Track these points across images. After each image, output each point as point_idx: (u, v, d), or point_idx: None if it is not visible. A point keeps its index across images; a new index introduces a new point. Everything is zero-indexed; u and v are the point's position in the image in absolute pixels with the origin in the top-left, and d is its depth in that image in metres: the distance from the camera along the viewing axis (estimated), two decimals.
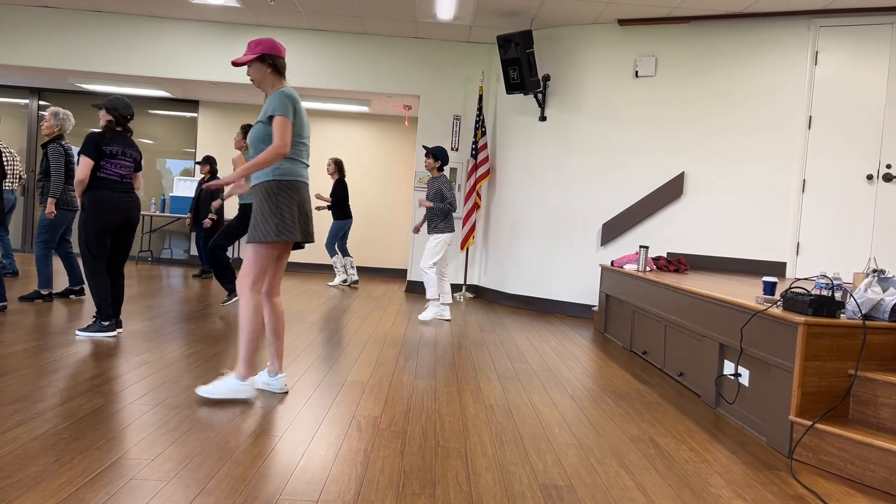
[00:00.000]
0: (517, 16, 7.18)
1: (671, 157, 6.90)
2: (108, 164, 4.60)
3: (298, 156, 3.37)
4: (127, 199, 4.66)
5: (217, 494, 2.26)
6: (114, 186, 4.62)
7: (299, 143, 3.36)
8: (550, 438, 3.09)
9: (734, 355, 3.65)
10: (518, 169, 7.72)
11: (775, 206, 6.57)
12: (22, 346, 4.17)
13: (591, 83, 7.18)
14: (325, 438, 2.88)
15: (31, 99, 10.34)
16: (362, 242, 10.51)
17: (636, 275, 5.30)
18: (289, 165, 3.33)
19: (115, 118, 4.70)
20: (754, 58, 6.62)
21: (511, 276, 7.75)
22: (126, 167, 4.69)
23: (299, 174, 3.37)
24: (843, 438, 2.82)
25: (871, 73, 6.21)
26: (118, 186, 4.64)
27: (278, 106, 3.23)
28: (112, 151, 4.61)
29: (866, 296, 3.07)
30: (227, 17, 8.05)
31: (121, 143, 4.67)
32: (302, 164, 3.39)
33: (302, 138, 3.37)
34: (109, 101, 4.71)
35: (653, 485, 2.61)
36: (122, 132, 4.73)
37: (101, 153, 4.56)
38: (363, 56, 8.38)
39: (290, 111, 3.26)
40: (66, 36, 8.23)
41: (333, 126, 10.48)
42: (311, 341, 4.94)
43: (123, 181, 4.68)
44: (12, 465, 2.37)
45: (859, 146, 6.24)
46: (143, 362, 3.97)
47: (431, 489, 2.42)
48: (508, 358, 4.83)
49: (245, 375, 3.34)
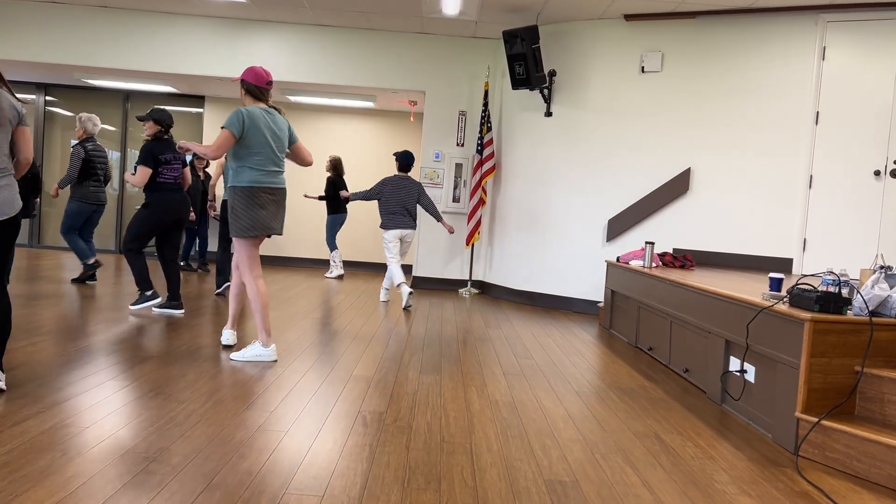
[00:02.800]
0: (523, 11, 7.16)
1: (677, 153, 6.87)
2: (164, 169, 5.32)
3: (255, 165, 4.00)
4: (181, 199, 5.43)
5: (224, 488, 2.27)
6: (172, 188, 5.37)
7: (253, 154, 3.99)
8: (555, 434, 3.09)
9: (740, 352, 3.65)
10: (523, 165, 7.71)
11: (782, 202, 6.55)
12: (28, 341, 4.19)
13: (597, 79, 7.15)
14: (331, 433, 2.89)
15: (38, 94, 10.37)
16: (368, 238, 10.52)
17: (642, 271, 5.30)
18: (246, 174, 4.00)
19: (163, 128, 5.37)
20: (761, 53, 6.59)
21: (516, 272, 7.75)
22: (177, 169, 5.41)
23: (256, 181, 4.00)
24: (849, 435, 2.81)
25: (878, 69, 6.17)
26: (174, 188, 5.38)
27: (227, 120, 3.94)
28: (166, 159, 5.33)
29: (873, 292, 3.06)
30: (233, 12, 8.06)
31: (171, 150, 5.36)
32: (260, 171, 4.01)
33: (256, 149, 3.98)
34: (155, 111, 5.36)
35: (658, 481, 2.61)
36: (168, 140, 5.39)
37: (158, 161, 5.28)
38: (369, 51, 8.37)
39: (238, 126, 3.91)
40: (72, 32, 8.25)
41: (339, 121, 10.48)
42: (316, 336, 4.95)
43: (177, 182, 5.41)
44: (20, 459, 2.39)
45: (867, 142, 6.21)
46: (147, 357, 3.98)
47: (437, 484, 2.43)
48: (513, 354, 4.83)
49: (266, 342, 4.09)
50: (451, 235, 8.43)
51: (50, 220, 10.49)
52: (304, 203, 10.40)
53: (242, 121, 3.93)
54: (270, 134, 4.04)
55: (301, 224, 10.42)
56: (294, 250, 10.46)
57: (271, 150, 4.04)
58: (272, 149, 4.05)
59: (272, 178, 4.06)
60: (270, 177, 4.05)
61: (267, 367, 3.95)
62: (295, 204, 10.42)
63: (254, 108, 4.01)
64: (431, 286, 8.49)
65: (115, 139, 10.46)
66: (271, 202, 4.06)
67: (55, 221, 10.47)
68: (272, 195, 4.06)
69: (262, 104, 4.10)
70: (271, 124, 4.05)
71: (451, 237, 8.45)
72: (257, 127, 3.98)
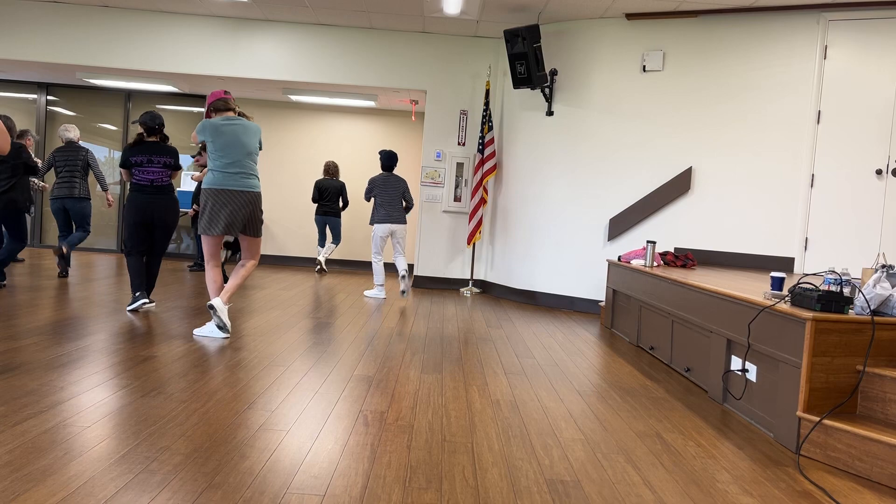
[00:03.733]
0: (524, 10, 7.16)
1: (679, 152, 6.87)
2: (136, 171, 5.42)
3: (222, 168, 4.55)
4: (149, 200, 5.41)
5: (225, 488, 2.27)
6: (143, 189, 5.41)
7: (220, 158, 4.54)
8: (557, 434, 3.09)
9: (742, 351, 3.64)
10: (525, 164, 7.70)
11: (783, 201, 6.54)
12: (29, 340, 4.19)
13: (599, 78, 7.15)
14: (332, 433, 2.89)
15: (40, 94, 10.38)
16: (369, 237, 10.53)
17: (643, 270, 5.29)
18: (211, 176, 4.56)
19: (145, 130, 5.51)
20: (763, 52, 6.58)
21: (517, 272, 7.75)
22: (153, 172, 5.44)
23: (220, 183, 4.53)
24: (851, 434, 2.81)
25: (880, 68, 6.16)
26: (146, 189, 5.42)
27: (197, 128, 4.63)
28: (138, 161, 5.42)
29: (875, 291, 3.06)
30: (235, 12, 8.06)
31: (148, 153, 5.43)
32: (226, 174, 4.54)
33: (223, 153, 4.54)
34: (142, 115, 5.53)
35: (660, 480, 2.61)
36: (152, 142, 5.49)
37: (128, 163, 5.42)
38: (370, 51, 8.37)
39: (205, 134, 4.57)
40: (74, 31, 8.25)
41: (340, 121, 10.48)
42: (317, 336, 4.95)
43: (153, 185, 5.43)
44: (21, 459, 2.39)
45: (869, 141, 6.20)
46: (149, 356, 3.99)
47: (438, 484, 2.43)
48: (515, 353, 4.83)
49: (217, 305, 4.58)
50: (452, 236, 8.43)
51: (50, 220, 10.49)
52: (306, 203, 10.42)
53: (210, 129, 4.54)
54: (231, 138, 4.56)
55: (301, 224, 10.44)
56: (294, 250, 10.47)
57: (242, 156, 4.58)
58: (245, 156, 4.60)
59: (232, 181, 4.54)
60: (230, 179, 4.54)
61: (268, 368, 3.95)
62: (296, 203, 10.43)
63: (217, 120, 4.60)
64: (433, 285, 8.49)
65: (116, 139, 10.47)
66: (231, 203, 4.53)
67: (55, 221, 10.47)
68: (233, 198, 4.54)
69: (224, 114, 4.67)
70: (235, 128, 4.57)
71: (452, 237, 8.45)
72: (222, 135, 4.54)
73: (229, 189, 4.53)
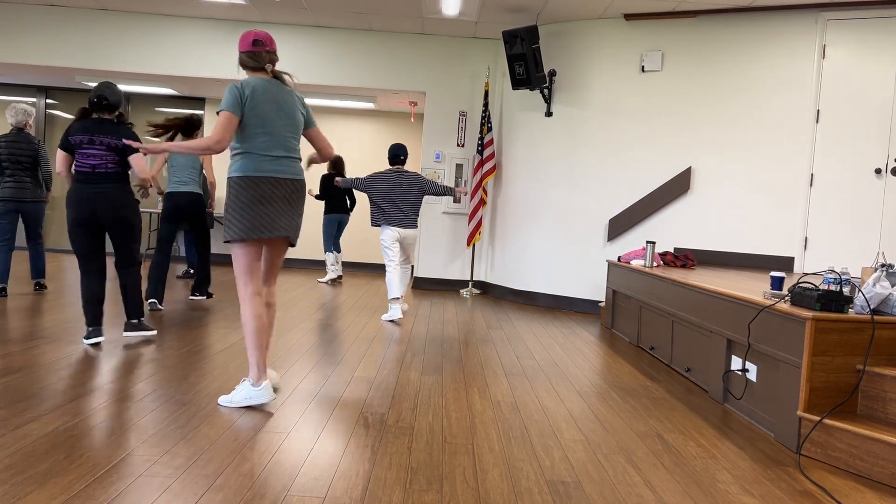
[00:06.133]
0: (523, 11, 7.16)
1: (678, 152, 6.87)
2: (78, 154, 4.24)
3: (258, 149, 3.18)
4: (94, 192, 4.20)
5: (226, 491, 2.27)
6: (86, 179, 4.22)
7: (260, 134, 3.18)
8: (558, 434, 3.09)
9: (742, 351, 3.64)
10: (524, 164, 7.70)
11: (783, 200, 6.54)
12: (30, 344, 4.19)
13: (598, 78, 7.15)
14: (333, 435, 2.89)
15: (39, 97, 10.39)
16: (369, 238, 10.53)
17: (643, 270, 5.29)
18: (243, 161, 3.18)
19: (88, 105, 4.30)
20: (761, 52, 6.59)
21: (517, 272, 7.75)
22: (98, 156, 4.22)
23: (260, 169, 3.18)
24: (851, 434, 2.81)
25: (879, 67, 6.16)
26: (91, 178, 4.22)
27: (223, 100, 3.15)
28: (78, 141, 4.21)
29: (875, 290, 3.06)
30: (233, 14, 8.06)
31: (90, 132, 4.21)
32: (264, 158, 3.19)
33: (262, 129, 3.19)
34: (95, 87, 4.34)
35: (660, 481, 2.61)
36: (98, 119, 4.27)
37: (67, 144, 4.23)
38: (369, 52, 8.37)
39: (236, 105, 3.12)
40: (72, 34, 8.26)
41: (339, 122, 10.49)
42: (317, 338, 4.95)
43: (96, 171, 4.22)
44: (22, 462, 2.39)
45: (868, 140, 6.20)
46: (150, 359, 3.99)
47: (439, 485, 2.43)
48: (515, 354, 4.83)
49: (257, 379, 3.19)
50: (451, 237, 8.43)
51: (51, 223, 10.49)
52: (305, 203, 10.38)
53: (237, 96, 3.13)
54: (276, 109, 3.24)
55: (302, 225, 10.43)
56: (294, 251, 10.47)
57: (278, 129, 3.24)
58: (279, 128, 3.24)
59: (280, 166, 3.24)
60: (277, 164, 3.23)
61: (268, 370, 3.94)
62: None
63: (251, 79, 3.23)
64: (432, 287, 8.49)
65: None
66: (278, 197, 3.22)
67: (55, 223, 10.48)
68: (280, 188, 3.23)
69: (261, 74, 3.29)
70: (277, 97, 3.25)
71: (452, 238, 8.45)
72: (259, 102, 3.18)
73: (262, 175, 3.19)
